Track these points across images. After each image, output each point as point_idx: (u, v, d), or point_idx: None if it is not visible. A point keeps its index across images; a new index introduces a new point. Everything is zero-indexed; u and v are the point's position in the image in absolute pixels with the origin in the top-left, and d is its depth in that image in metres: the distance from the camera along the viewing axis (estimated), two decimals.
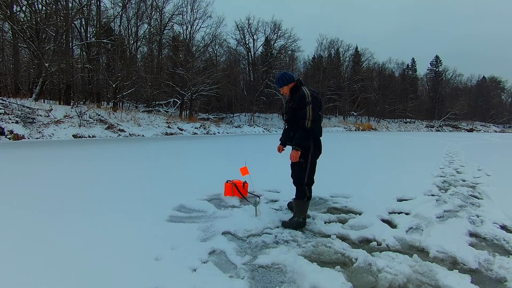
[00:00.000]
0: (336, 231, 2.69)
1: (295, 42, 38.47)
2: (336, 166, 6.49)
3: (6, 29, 17.48)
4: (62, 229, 2.58)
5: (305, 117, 2.53)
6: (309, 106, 2.53)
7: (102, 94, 22.65)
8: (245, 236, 2.57)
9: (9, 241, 2.30)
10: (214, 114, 31.70)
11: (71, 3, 19.34)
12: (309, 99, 2.54)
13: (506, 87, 62.57)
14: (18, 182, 4.38)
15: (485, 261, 2.20)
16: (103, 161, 6.92)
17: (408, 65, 56.74)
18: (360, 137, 21.61)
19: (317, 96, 2.66)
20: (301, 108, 2.57)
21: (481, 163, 7.43)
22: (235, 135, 23.78)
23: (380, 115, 48.72)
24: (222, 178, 4.01)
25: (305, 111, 2.53)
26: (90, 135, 14.78)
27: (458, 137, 24.10)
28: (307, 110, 2.52)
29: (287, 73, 2.80)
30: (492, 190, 4.42)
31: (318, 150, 2.78)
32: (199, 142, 14.08)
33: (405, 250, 2.39)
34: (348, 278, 1.93)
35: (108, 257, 2.08)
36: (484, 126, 55.98)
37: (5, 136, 11.57)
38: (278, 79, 2.79)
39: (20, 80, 18.90)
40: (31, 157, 7.19)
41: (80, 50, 22.86)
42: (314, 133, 2.67)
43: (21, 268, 1.90)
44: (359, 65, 48.15)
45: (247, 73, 40.03)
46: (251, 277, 1.93)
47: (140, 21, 25.50)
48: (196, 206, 3.34)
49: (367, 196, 3.87)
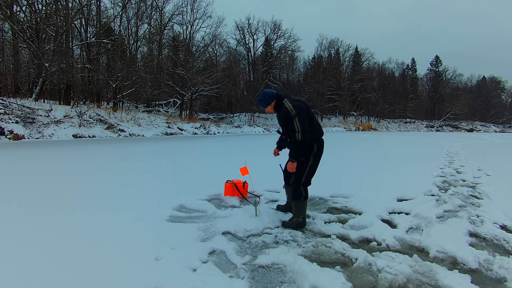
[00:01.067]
0: (336, 231, 2.69)
1: (295, 42, 38.55)
2: (336, 166, 6.49)
3: (6, 29, 17.48)
4: (62, 229, 2.58)
5: (295, 130, 2.55)
6: (295, 119, 2.55)
7: (102, 94, 22.65)
8: (245, 236, 2.57)
9: (9, 241, 2.30)
10: (214, 114, 31.71)
11: (71, 3, 19.35)
12: (294, 113, 2.56)
13: (506, 87, 62.63)
14: (18, 182, 4.38)
15: (485, 261, 2.20)
16: (103, 161, 6.92)
17: (408, 65, 56.82)
18: (360, 137, 21.61)
19: (301, 105, 2.65)
20: (289, 123, 2.60)
21: (481, 163, 7.42)
22: (235, 135, 23.78)
23: (380, 115, 48.72)
24: (222, 178, 4.01)
25: (293, 125, 2.56)
26: (90, 135, 14.78)
27: (458, 137, 24.10)
28: (295, 124, 2.55)
29: (266, 92, 2.76)
30: (492, 190, 4.42)
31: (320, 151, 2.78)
32: (199, 142, 14.08)
33: (405, 250, 2.39)
34: (348, 278, 1.93)
35: (108, 257, 2.08)
36: (484, 126, 55.97)
37: (5, 136, 11.57)
38: (260, 100, 2.77)
39: (20, 80, 18.91)
40: (31, 157, 7.19)
41: (80, 50, 22.86)
42: (314, 135, 2.66)
43: (21, 268, 1.90)
44: (359, 65, 48.15)
45: (247, 73, 40.04)
46: (251, 277, 1.93)
47: (140, 21, 25.53)
48: (196, 206, 3.33)
49: (367, 196, 3.87)
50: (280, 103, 2.69)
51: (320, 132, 2.77)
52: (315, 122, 2.74)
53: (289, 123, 2.58)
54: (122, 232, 2.53)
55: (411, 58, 57.95)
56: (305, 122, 2.56)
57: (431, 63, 58.80)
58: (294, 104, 2.61)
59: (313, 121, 2.72)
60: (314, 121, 2.73)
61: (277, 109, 2.74)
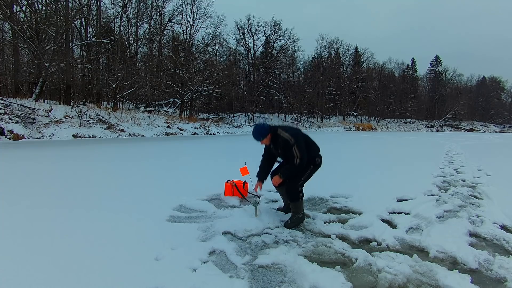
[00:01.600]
0: (336, 231, 2.69)
1: (295, 42, 38.57)
2: (336, 166, 6.49)
3: (6, 29, 17.48)
4: (61, 229, 2.58)
5: (293, 156, 2.67)
6: (294, 147, 2.66)
7: (102, 94, 22.64)
8: (245, 236, 2.57)
9: (9, 241, 2.30)
10: (214, 114, 31.71)
11: (71, 3, 19.36)
12: (293, 141, 2.66)
13: (506, 87, 62.67)
14: (17, 182, 4.38)
15: (485, 261, 2.20)
16: (103, 161, 6.92)
17: (408, 65, 56.79)
18: (360, 137, 21.61)
19: (297, 132, 2.77)
20: (287, 151, 2.71)
21: (481, 163, 7.42)
22: (235, 135, 23.78)
23: (380, 115, 48.73)
24: (222, 178, 4.00)
25: (292, 152, 2.67)
26: (90, 135, 14.78)
27: (458, 137, 24.10)
28: (293, 151, 2.66)
29: (261, 126, 2.84)
30: (492, 190, 4.42)
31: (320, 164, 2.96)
32: (199, 142, 14.08)
33: (405, 250, 2.39)
34: (348, 278, 1.93)
35: (108, 256, 2.08)
36: (484, 126, 55.99)
37: (5, 136, 11.57)
38: (257, 134, 2.83)
39: (20, 80, 18.90)
40: (31, 157, 7.19)
41: (80, 50, 22.88)
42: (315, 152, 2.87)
43: (21, 268, 1.89)
44: (359, 65, 48.16)
45: (247, 73, 40.05)
46: (251, 277, 1.93)
47: (140, 21, 25.54)
48: (196, 206, 3.33)
49: (367, 196, 3.87)
50: (276, 135, 2.81)
51: (318, 148, 2.94)
52: (311, 140, 2.90)
53: (288, 151, 2.71)
54: (122, 232, 2.53)
55: (411, 58, 57.99)
56: (303, 148, 2.69)
57: (431, 63, 58.84)
58: (290, 132, 2.73)
59: (309, 140, 2.89)
60: (310, 140, 2.89)
61: (274, 140, 2.85)
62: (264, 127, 2.83)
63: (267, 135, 2.82)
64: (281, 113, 38.86)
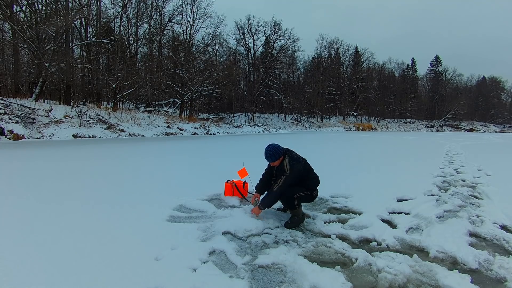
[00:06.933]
0: (336, 231, 2.69)
1: (295, 42, 38.58)
2: (336, 166, 6.49)
3: (6, 29, 17.47)
4: (61, 229, 2.58)
5: (277, 182, 2.80)
6: (283, 176, 2.78)
7: (102, 94, 22.65)
8: (245, 236, 2.57)
9: (9, 241, 2.30)
10: (214, 114, 31.71)
11: (71, 3, 19.35)
12: (287, 173, 2.80)
13: (506, 87, 62.70)
14: (17, 182, 4.38)
15: (485, 261, 2.20)
16: (103, 161, 6.92)
17: (408, 65, 56.79)
18: (360, 137, 21.61)
19: (298, 168, 2.81)
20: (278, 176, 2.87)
21: (481, 163, 7.42)
22: (235, 135, 23.77)
23: (380, 115, 48.74)
24: (222, 178, 4.00)
25: (280, 179, 2.80)
26: (90, 135, 14.77)
27: (458, 137, 24.10)
28: (281, 178, 2.79)
29: (275, 149, 2.92)
30: (492, 190, 4.42)
31: (316, 196, 3.04)
32: (199, 142, 14.08)
33: (405, 250, 2.39)
34: (348, 278, 1.93)
35: (108, 256, 2.08)
36: (484, 126, 55.99)
37: (5, 136, 11.56)
38: (271, 156, 2.92)
39: (20, 80, 18.91)
40: (31, 157, 7.19)
41: (80, 50, 22.85)
42: (315, 184, 2.99)
43: (21, 268, 1.90)
44: (359, 65, 48.17)
45: (247, 73, 40.05)
46: (251, 277, 1.93)
47: (140, 21, 25.52)
48: (196, 206, 3.33)
49: (367, 196, 3.87)
50: (282, 160, 2.93)
51: (318, 182, 3.02)
52: (313, 175, 3.01)
53: (279, 176, 2.85)
54: (122, 232, 2.53)
55: (411, 58, 57.98)
56: (288, 183, 2.78)
57: (431, 63, 58.83)
58: (291, 164, 2.82)
59: (312, 173, 3.00)
60: (313, 174, 3.00)
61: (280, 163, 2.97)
62: (277, 151, 2.91)
63: (279, 158, 2.92)
64: (281, 113, 38.88)
